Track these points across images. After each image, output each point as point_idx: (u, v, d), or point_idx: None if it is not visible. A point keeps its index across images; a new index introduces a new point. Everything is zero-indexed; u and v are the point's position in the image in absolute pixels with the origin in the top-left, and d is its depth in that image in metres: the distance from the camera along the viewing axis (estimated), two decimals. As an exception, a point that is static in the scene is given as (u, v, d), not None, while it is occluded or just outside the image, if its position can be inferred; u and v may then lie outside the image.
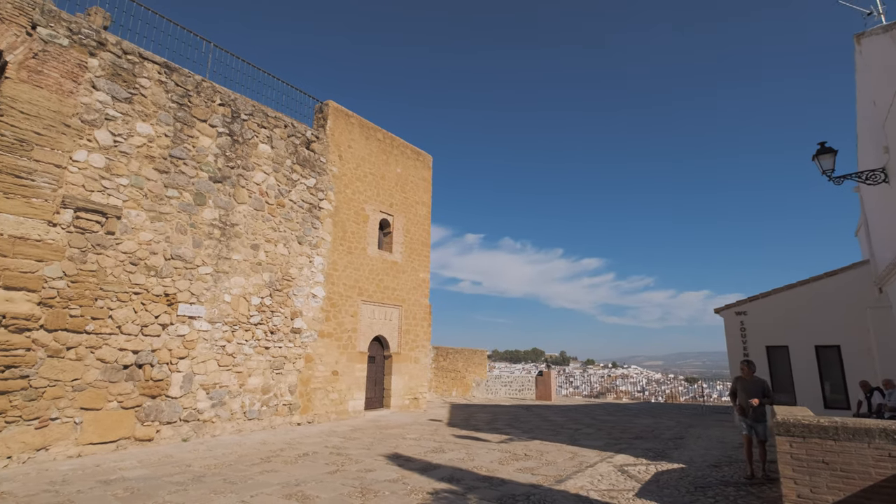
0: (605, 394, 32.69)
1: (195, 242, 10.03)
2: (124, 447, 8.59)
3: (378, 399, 14.16)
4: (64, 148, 8.46)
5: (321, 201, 12.82)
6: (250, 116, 11.44)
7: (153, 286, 9.30)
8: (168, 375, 9.34)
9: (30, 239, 7.92)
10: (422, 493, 5.97)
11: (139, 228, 9.21)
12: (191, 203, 10.05)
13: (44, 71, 8.41)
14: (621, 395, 33.56)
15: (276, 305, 11.38)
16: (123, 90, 9.29)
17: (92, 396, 8.33)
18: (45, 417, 7.82)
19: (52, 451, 7.79)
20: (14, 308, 7.66)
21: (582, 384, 39.18)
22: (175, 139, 9.94)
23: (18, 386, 7.62)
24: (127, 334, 8.86)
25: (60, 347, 8.07)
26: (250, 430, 10.53)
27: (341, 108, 13.84)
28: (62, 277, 8.16)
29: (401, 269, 15.08)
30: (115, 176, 8.99)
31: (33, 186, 8.04)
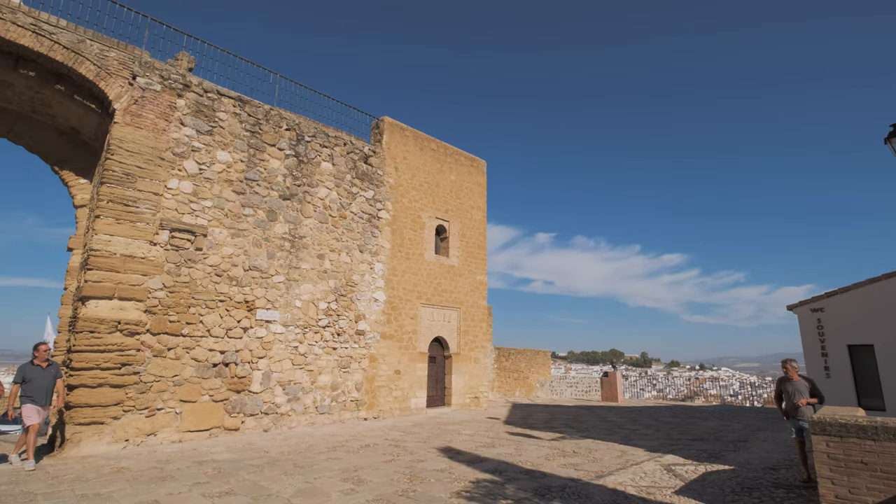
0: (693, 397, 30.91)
1: (269, 254, 11.23)
2: (216, 435, 9.86)
3: (439, 397, 14.80)
4: (160, 178, 9.92)
5: (379, 211, 13.71)
6: (313, 138, 12.55)
7: (235, 294, 10.57)
8: (250, 373, 10.57)
9: (136, 257, 9.39)
10: (464, 481, 6.44)
11: (222, 244, 10.51)
12: (264, 220, 11.27)
13: (142, 114, 9.91)
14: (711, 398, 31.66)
15: (341, 309, 12.37)
16: (205, 124, 10.67)
17: (188, 390, 9.68)
18: (153, 408, 9.23)
19: (159, 437, 9.18)
20: (126, 315, 9.14)
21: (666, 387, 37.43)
22: (249, 163, 11.21)
23: (132, 381, 9.07)
24: (215, 337, 10.16)
25: (163, 348, 9.48)
26: (322, 423, 11.56)
27: (396, 122, 14.68)
28: (162, 289, 9.58)
29: (458, 273, 15.64)
30: (201, 199, 10.36)
31: (138, 212, 9.52)
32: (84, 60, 9.41)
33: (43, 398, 7.60)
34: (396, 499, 5.65)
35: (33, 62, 9.30)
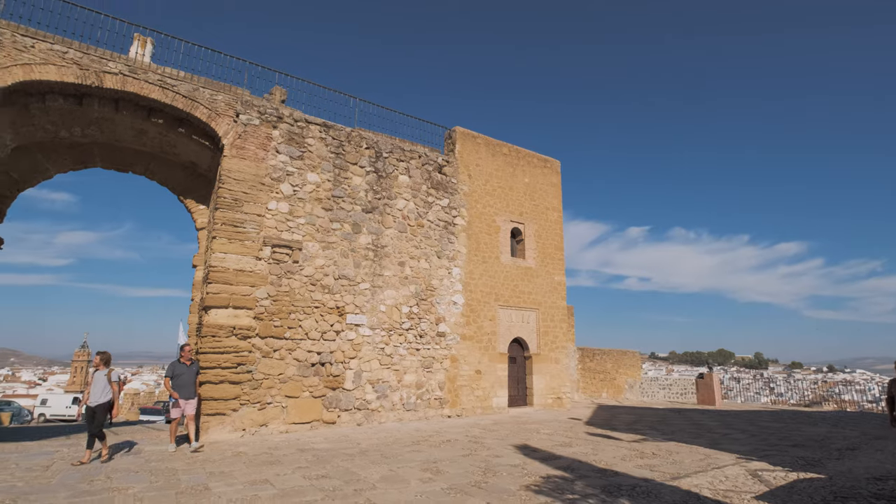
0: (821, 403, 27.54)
1: (355, 264, 12.29)
2: (316, 427, 11.04)
3: (521, 397, 15.05)
4: (261, 201, 11.33)
5: (455, 218, 14.31)
6: (390, 153, 13.48)
7: (327, 301, 11.73)
8: (343, 372, 11.66)
9: (245, 271, 10.84)
10: (535, 476, 6.74)
11: (315, 256, 11.73)
12: (350, 232, 12.35)
13: (245, 146, 11.40)
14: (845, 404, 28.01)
15: (422, 313, 13.14)
16: (296, 150, 11.98)
17: (292, 387, 10.94)
18: (264, 402, 10.58)
19: (269, 427, 10.51)
20: (240, 322, 10.59)
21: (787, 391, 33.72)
22: (335, 182, 12.36)
23: (246, 378, 10.48)
24: (312, 339, 11.37)
25: (269, 350, 10.83)
26: (408, 419, 12.38)
27: (467, 131, 15.22)
28: (267, 298, 10.94)
29: (535, 274, 15.78)
30: (295, 217, 11.65)
31: (245, 232, 10.98)
32: (199, 105, 11.07)
33: (188, 392, 8.94)
34: (469, 488, 6.12)
35: (161, 111, 11.12)
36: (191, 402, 8.99)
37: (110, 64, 10.21)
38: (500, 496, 5.78)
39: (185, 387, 8.92)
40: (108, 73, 10.16)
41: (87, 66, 9.97)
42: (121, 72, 10.28)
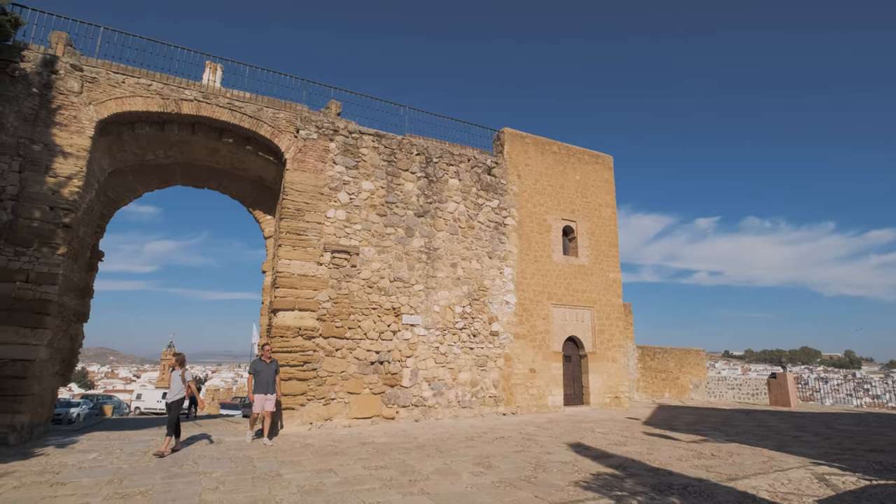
0: None
1: (409, 266, 12.79)
2: (376, 422, 11.64)
3: (577, 396, 14.96)
4: (321, 210, 12.10)
5: (505, 219, 14.49)
6: (440, 158, 13.88)
7: (384, 302, 12.31)
8: (400, 370, 12.20)
9: (308, 275, 11.63)
10: (585, 473, 6.85)
11: (371, 260, 12.35)
12: (403, 236, 12.88)
13: (305, 159, 12.22)
14: None
15: (475, 312, 13.44)
16: (351, 160, 12.66)
17: (353, 384, 11.61)
18: (328, 398, 11.32)
19: (333, 421, 11.22)
20: (305, 323, 11.39)
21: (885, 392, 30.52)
22: (388, 189, 12.94)
23: (311, 375, 11.26)
24: (370, 339, 11.99)
25: (332, 349, 11.55)
26: (464, 416, 12.72)
27: (516, 131, 15.33)
28: (328, 300, 11.68)
29: (588, 272, 15.61)
30: (352, 224, 12.33)
31: (307, 239, 11.78)
32: (263, 124, 12.01)
33: (265, 388, 9.47)
34: (518, 482, 6.35)
35: (230, 131, 12.16)
36: (269, 397, 9.52)
37: (186, 91, 11.32)
38: (549, 491, 5.97)
39: (264, 383, 9.47)
40: (185, 101, 11.28)
41: (168, 96, 11.13)
42: (195, 98, 11.37)
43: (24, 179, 9.52)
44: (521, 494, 5.81)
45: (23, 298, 9.21)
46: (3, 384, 8.85)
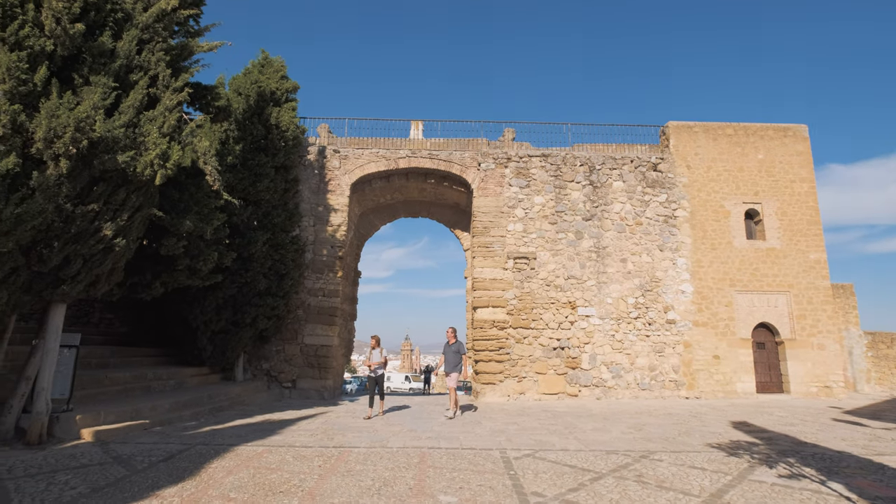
0: None
1: (580, 265, 14.68)
2: (562, 398, 13.93)
3: (774, 384, 14.41)
4: (503, 225, 14.99)
5: (675, 211, 15.02)
6: (602, 165, 15.34)
7: (560, 297, 14.50)
8: (579, 355, 14.21)
9: (497, 279, 14.65)
10: (725, 439, 7.98)
11: (546, 263, 14.69)
12: (573, 239, 14.83)
13: (487, 186, 15.29)
14: None
15: (648, 303, 14.49)
16: (523, 180, 15.22)
17: (539, 366, 14.14)
18: (520, 376, 14.11)
19: (526, 396, 13.95)
20: (497, 317, 14.43)
21: None
22: (556, 200, 15.07)
23: (506, 358, 14.22)
24: (551, 329, 14.34)
25: (520, 337, 14.31)
26: (644, 397, 13.98)
27: (681, 123, 15.61)
28: (514, 298, 14.48)
29: (780, 255, 14.78)
30: (528, 234, 14.88)
31: (493, 250, 14.82)
32: (453, 164, 15.54)
33: (449, 367, 10.92)
34: (655, 439, 7.97)
35: (432, 174, 16.05)
36: (452, 375, 10.93)
37: (400, 152, 15.58)
38: (677, 446, 7.49)
39: (448, 363, 10.90)
40: (400, 158, 15.55)
41: (389, 157, 15.55)
42: (406, 155, 15.55)
43: (316, 230, 14.92)
44: (650, 445, 7.52)
45: (322, 307, 14.53)
46: (318, 362, 14.23)
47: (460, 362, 11.08)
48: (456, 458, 6.48)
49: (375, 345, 10.98)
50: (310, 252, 14.77)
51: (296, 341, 14.42)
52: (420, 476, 5.63)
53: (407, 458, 6.45)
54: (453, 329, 11.08)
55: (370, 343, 11.08)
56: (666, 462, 6.42)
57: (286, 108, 14.22)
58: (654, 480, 5.55)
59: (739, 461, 6.49)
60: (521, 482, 5.43)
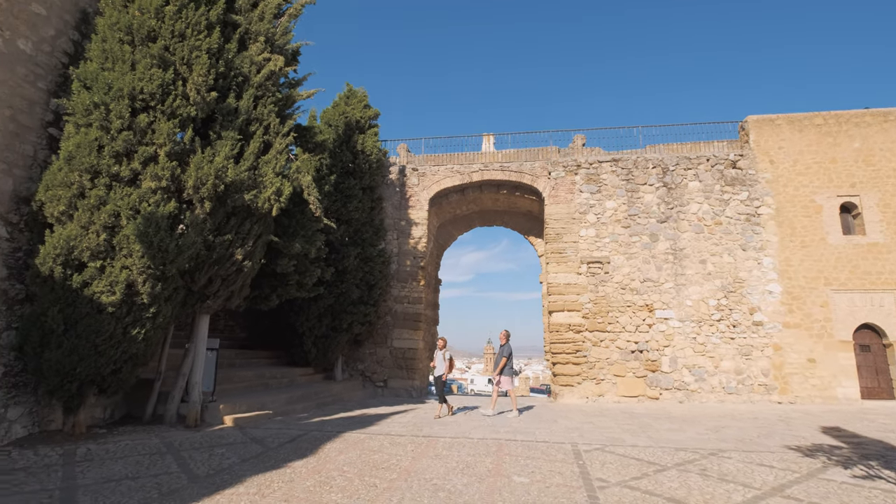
0: None
1: (657, 267, 14.67)
2: (642, 401, 14.01)
3: (884, 389, 13.32)
4: (574, 231, 15.39)
5: (758, 209, 14.49)
6: (676, 166, 15.20)
7: (637, 300, 14.59)
8: (659, 358, 14.20)
9: (571, 283, 15.07)
10: (807, 442, 7.94)
11: (621, 266, 14.86)
12: (648, 242, 14.85)
13: (557, 194, 15.78)
14: None
15: (732, 304, 14.12)
16: (594, 186, 15.52)
17: (617, 369, 14.33)
18: (598, 378, 14.40)
19: (605, 398, 14.21)
20: (572, 320, 14.85)
21: None
22: (629, 203, 15.19)
23: (583, 361, 14.58)
24: (628, 332, 14.48)
25: (597, 340, 14.60)
26: (730, 401, 13.64)
27: (762, 117, 15.03)
28: (589, 302, 14.82)
29: (883, 250, 13.67)
30: (601, 238, 15.14)
31: (566, 256, 15.26)
32: (524, 174, 16.22)
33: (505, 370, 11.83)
34: (730, 440, 8.12)
35: (504, 185, 16.84)
36: (505, 378, 11.21)
37: (473, 166, 16.56)
38: (752, 446, 7.63)
39: (497, 364, 11.25)
40: (473, 172, 16.52)
41: (463, 172, 16.59)
42: (479, 169, 16.48)
43: (400, 243, 16.31)
44: (723, 444, 7.73)
45: (408, 313, 15.86)
46: (406, 363, 15.56)
47: (512, 364, 11.34)
48: (530, 449, 7.24)
49: (442, 345, 11.22)
50: (395, 263, 16.18)
51: (385, 345, 15.87)
52: (497, 461, 6.48)
53: (486, 447, 7.33)
54: (506, 332, 11.41)
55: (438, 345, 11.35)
56: (734, 460, 6.70)
57: (369, 134, 15.80)
58: (717, 474, 5.94)
59: (813, 461, 6.60)
60: (588, 470, 6.09)
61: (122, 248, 7.14)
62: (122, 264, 7.12)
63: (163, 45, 7.86)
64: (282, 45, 9.92)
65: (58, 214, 7.14)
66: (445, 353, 10.98)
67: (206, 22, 8.37)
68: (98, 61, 7.68)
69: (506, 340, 11.32)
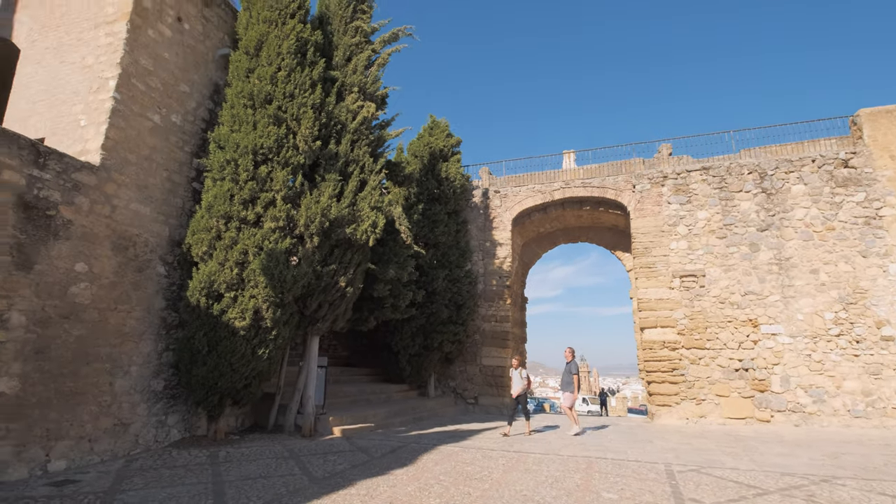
0: None
1: (759, 279, 13.72)
2: (750, 423, 13.05)
3: None
4: (664, 244, 14.92)
5: (878, 211, 13.06)
6: (775, 170, 14.21)
7: (738, 315, 13.73)
8: (767, 377, 13.18)
9: (663, 299, 14.57)
10: (944, 472, 7.10)
11: (718, 279, 14.11)
12: (748, 252, 13.97)
13: (643, 207, 15.43)
14: None
15: (853, 317, 12.76)
16: (683, 197, 14.97)
17: (720, 388, 13.52)
18: (698, 398, 13.68)
19: (707, 419, 13.45)
20: (667, 337, 14.32)
21: None
22: (723, 213, 14.44)
23: (681, 380, 13.96)
24: (730, 349, 13.64)
25: (695, 358, 13.92)
26: (858, 426, 12.24)
27: (877, 109, 13.61)
28: (683, 317, 14.21)
29: None
30: (694, 250, 14.51)
31: (657, 270, 14.81)
32: (607, 189, 16.09)
33: (564, 386, 11.29)
34: (850, 467, 7.47)
35: (587, 201, 16.81)
36: (566, 394, 11.29)
37: (554, 185, 16.75)
38: (874, 475, 6.99)
39: (563, 383, 11.41)
40: (555, 191, 16.71)
41: (544, 191, 16.84)
42: (560, 187, 16.64)
43: (485, 263, 16.88)
44: (839, 471, 7.16)
45: (495, 331, 16.28)
46: (495, 381, 15.92)
47: (572, 381, 11.23)
48: (620, 467, 7.29)
49: (517, 364, 11.28)
50: (481, 283, 16.74)
51: (475, 362, 16.38)
52: (586, 478, 6.66)
53: (575, 464, 7.50)
54: (571, 349, 11.51)
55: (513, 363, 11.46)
56: (849, 487, 6.25)
57: (452, 161, 16.70)
58: (827, 501, 5.63)
59: (949, 493, 5.96)
60: (681, 490, 6.07)
61: (250, 280, 8.45)
62: (251, 294, 8.41)
63: (277, 106, 9.26)
64: (372, 92, 11.08)
65: (201, 254, 8.63)
66: (522, 372, 11.07)
67: (310, 81, 9.70)
68: (228, 124, 9.24)
69: (571, 357, 11.38)
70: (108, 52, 8.16)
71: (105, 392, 7.41)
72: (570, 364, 11.35)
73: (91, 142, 7.75)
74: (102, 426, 7.34)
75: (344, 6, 11.31)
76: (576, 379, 11.15)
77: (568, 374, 11.26)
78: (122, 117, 8.00)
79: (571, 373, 11.19)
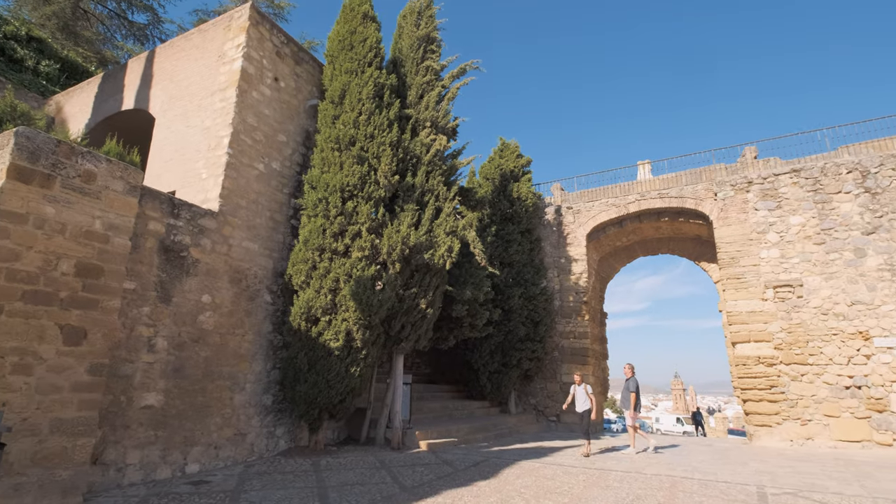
0: None
1: (868, 287, 12.53)
2: (867, 447, 11.84)
3: None
4: (753, 253, 14.11)
5: None
6: (881, 166, 12.99)
7: (845, 327, 12.60)
8: (885, 395, 11.91)
9: (755, 311, 13.74)
10: None
11: (818, 288, 13.07)
12: (853, 258, 12.83)
13: (727, 215, 14.73)
14: None
15: None
16: (772, 202, 14.12)
17: (828, 408, 12.42)
18: (803, 419, 12.65)
19: (815, 441, 12.39)
20: (762, 352, 13.44)
21: None
22: (819, 217, 13.41)
23: (781, 398, 13.01)
24: (838, 364, 12.52)
25: (796, 375, 12.93)
26: None
27: None
28: (780, 331, 13.29)
29: None
30: (788, 258, 13.59)
31: (746, 281, 14.02)
32: (686, 199, 15.57)
33: (624, 403, 11.12)
34: (983, 497, 6.73)
35: (665, 212, 16.34)
36: (626, 412, 11.07)
37: (629, 197, 16.51)
38: None
39: (622, 400, 11.15)
40: (630, 203, 16.45)
41: (619, 204, 16.64)
42: (635, 199, 16.36)
43: (561, 280, 16.93)
44: (968, 501, 6.48)
45: (574, 348, 16.20)
46: (576, 397, 15.78)
47: (629, 398, 10.98)
48: (707, 487, 7.14)
49: (580, 380, 10.91)
50: (557, 300, 16.79)
51: (555, 379, 16.36)
52: (669, 496, 6.64)
53: (659, 482, 7.45)
54: (630, 365, 11.21)
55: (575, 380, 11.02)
56: (976, 517, 5.69)
57: (523, 181, 17.07)
58: (943, 530, 5.22)
59: None
60: (772, 512, 5.89)
61: (342, 305, 9.40)
62: (343, 317, 9.34)
63: (359, 147, 10.29)
64: (444, 125, 11.85)
65: (300, 283, 9.75)
66: (587, 388, 10.79)
67: (388, 121, 10.66)
68: (318, 167, 10.41)
69: (631, 374, 11.16)
70: (222, 114, 9.64)
71: (227, 405, 8.61)
72: (629, 381, 11.12)
73: (211, 191, 9.17)
74: (225, 435, 8.52)
75: (415, 49, 12.28)
76: (633, 397, 10.90)
77: (626, 392, 11.07)
78: (234, 168, 9.38)
79: (630, 390, 11.00)
